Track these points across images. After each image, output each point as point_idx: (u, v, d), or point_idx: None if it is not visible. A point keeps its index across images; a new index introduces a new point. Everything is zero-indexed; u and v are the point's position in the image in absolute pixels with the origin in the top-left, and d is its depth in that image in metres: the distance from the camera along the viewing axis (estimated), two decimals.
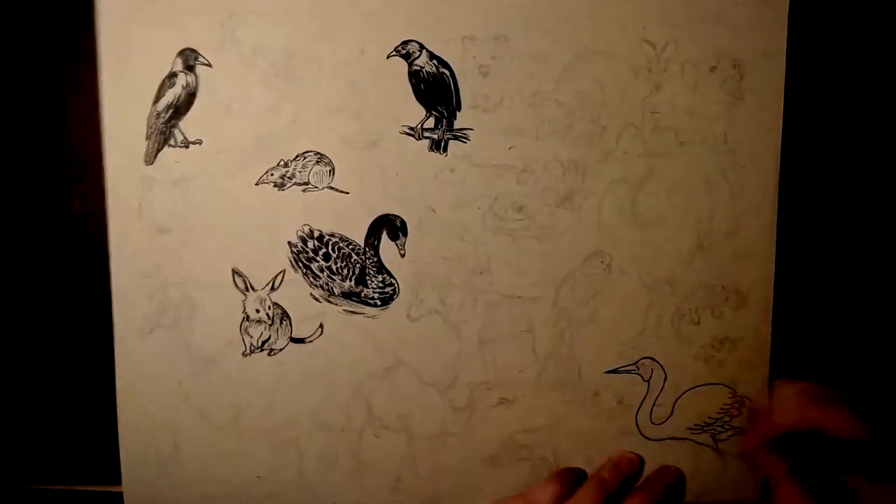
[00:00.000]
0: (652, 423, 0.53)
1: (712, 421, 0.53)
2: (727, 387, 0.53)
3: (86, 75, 0.49)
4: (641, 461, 0.53)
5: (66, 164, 0.52)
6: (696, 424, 0.53)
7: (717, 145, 0.51)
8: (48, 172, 0.52)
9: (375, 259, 0.50)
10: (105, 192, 0.49)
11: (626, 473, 0.52)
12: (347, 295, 0.51)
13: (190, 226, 0.50)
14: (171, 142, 0.49)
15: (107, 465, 0.52)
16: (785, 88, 0.51)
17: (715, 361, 0.52)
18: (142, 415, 0.51)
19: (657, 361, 0.52)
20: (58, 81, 0.51)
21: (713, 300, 0.53)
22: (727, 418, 0.53)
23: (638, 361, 0.52)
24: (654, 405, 0.53)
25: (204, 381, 0.51)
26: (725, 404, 0.53)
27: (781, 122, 0.51)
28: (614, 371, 0.52)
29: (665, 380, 0.52)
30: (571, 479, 0.51)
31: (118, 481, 0.52)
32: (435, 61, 0.49)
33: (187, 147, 0.49)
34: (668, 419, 0.53)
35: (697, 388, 0.53)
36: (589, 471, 0.53)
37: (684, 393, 0.53)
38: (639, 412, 0.53)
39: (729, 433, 0.53)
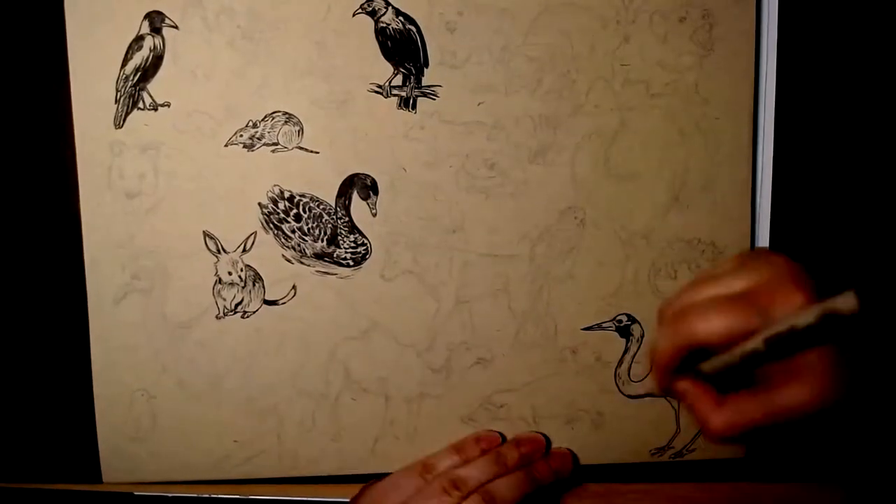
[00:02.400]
0: (631, 380, 0.52)
1: None
2: None
3: None
4: (547, 442, 0.52)
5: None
6: None
7: (689, 97, 0.51)
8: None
9: (347, 219, 0.50)
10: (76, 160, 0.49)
11: (527, 453, 0.51)
12: (319, 256, 0.50)
13: (160, 191, 0.49)
14: (140, 105, 0.48)
15: (84, 446, 0.52)
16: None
17: None
18: (118, 386, 0.51)
19: (635, 317, 0.52)
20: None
21: (690, 254, 0.52)
22: None
23: (615, 318, 0.52)
24: (632, 362, 0.52)
25: (180, 349, 0.51)
26: None
27: (754, 70, 0.51)
28: (591, 328, 0.52)
29: (643, 336, 0.52)
30: (474, 451, 0.51)
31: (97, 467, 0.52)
32: (401, 18, 0.49)
33: (156, 110, 0.48)
34: (647, 376, 0.52)
35: None
36: (567, 432, 0.52)
37: None
38: (618, 369, 0.52)
39: None
